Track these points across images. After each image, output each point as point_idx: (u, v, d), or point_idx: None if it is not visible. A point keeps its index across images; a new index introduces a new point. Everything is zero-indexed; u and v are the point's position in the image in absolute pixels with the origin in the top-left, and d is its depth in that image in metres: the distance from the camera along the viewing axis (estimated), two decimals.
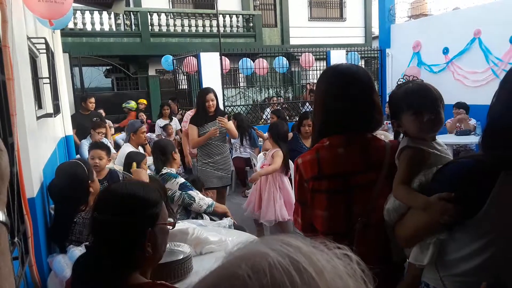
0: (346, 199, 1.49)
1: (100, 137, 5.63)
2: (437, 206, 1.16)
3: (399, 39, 9.11)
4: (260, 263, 0.37)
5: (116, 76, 13.65)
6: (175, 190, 3.08)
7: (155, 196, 1.28)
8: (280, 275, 0.35)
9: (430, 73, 8.10)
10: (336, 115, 1.50)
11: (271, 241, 0.40)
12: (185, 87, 9.21)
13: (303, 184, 1.55)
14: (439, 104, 1.35)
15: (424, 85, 1.40)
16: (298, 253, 0.38)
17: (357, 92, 1.48)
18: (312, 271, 0.37)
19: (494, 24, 6.95)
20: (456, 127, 6.37)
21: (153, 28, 12.40)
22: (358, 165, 1.48)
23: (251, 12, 14.31)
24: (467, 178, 1.16)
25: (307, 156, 1.55)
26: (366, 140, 1.51)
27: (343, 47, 10.27)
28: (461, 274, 1.22)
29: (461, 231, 1.20)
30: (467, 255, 1.19)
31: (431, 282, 1.31)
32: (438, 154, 1.35)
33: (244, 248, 0.41)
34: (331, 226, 1.52)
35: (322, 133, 1.54)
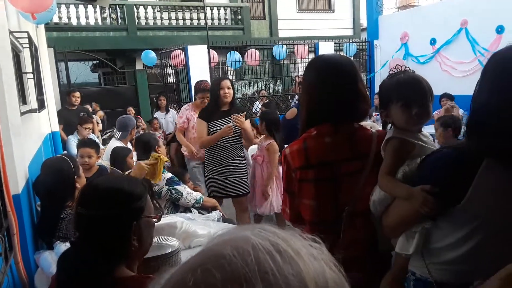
0: (333, 188, 1.50)
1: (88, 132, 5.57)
2: (419, 197, 1.17)
3: (387, 31, 9.14)
4: (243, 245, 0.39)
5: (103, 70, 13.50)
6: (162, 185, 3.05)
7: (140, 189, 1.27)
8: (263, 255, 0.37)
9: (417, 64, 8.14)
10: (322, 104, 1.52)
11: (250, 228, 0.43)
12: (173, 81, 9.13)
13: (291, 174, 1.56)
14: (428, 98, 1.36)
15: (415, 77, 1.40)
16: (276, 236, 0.41)
17: (341, 81, 1.50)
18: (291, 251, 0.39)
19: (480, 14, 7.00)
20: None
21: (139, 22, 12.26)
22: (345, 154, 1.49)
23: (239, 4, 14.22)
24: (449, 167, 1.17)
25: (294, 146, 1.56)
26: (353, 129, 1.52)
27: (332, 39, 10.26)
28: (447, 262, 1.23)
29: (445, 220, 1.21)
30: (452, 244, 1.21)
31: (417, 270, 1.32)
32: (423, 145, 1.37)
33: (225, 233, 0.43)
34: (319, 215, 1.54)
35: (309, 123, 1.56)
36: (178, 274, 0.40)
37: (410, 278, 1.36)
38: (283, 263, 0.37)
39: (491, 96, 1.13)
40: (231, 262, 0.37)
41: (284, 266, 0.37)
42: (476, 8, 7.13)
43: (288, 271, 0.37)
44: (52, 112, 5.44)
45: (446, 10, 7.80)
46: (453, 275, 1.24)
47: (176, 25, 12.71)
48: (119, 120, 4.54)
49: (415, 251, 1.29)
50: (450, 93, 6.61)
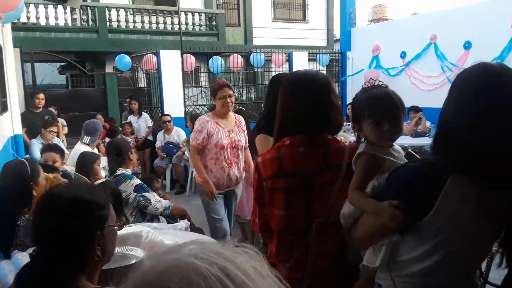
0: (305, 198, 1.51)
1: (52, 136, 5.37)
2: (387, 212, 1.17)
3: (360, 43, 9.32)
4: (190, 274, 0.36)
5: (71, 73, 13.16)
6: (130, 192, 2.96)
7: (103, 197, 1.24)
8: (215, 285, 0.35)
9: (387, 76, 8.32)
10: (295, 116, 1.54)
11: (191, 248, 0.40)
12: (144, 85, 8.98)
13: (262, 183, 1.56)
14: (400, 114, 1.38)
15: (388, 92, 1.41)
16: (222, 258, 0.39)
17: (315, 94, 1.52)
18: (240, 274, 0.38)
19: (449, 30, 7.24)
20: (413, 130, 6.58)
21: (111, 24, 12.06)
22: (318, 164, 1.50)
23: (214, 10, 14.20)
24: (416, 182, 1.18)
25: (267, 155, 1.57)
26: (326, 140, 1.54)
27: (306, 49, 10.37)
28: (411, 275, 1.24)
29: (412, 234, 1.21)
30: (418, 257, 1.21)
31: (383, 282, 1.33)
32: (393, 160, 1.38)
33: (164, 257, 0.40)
34: (288, 225, 1.53)
35: (283, 133, 1.57)
36: None
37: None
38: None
39: (459, 114, 1.14)
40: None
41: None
42: (445, 24, 7.37)
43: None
44: (15, 114, 5.23)
45: (417, 24, 8.03)
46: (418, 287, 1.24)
47: (149, 29, 12.57)
48: (87, 124, 4.41)
49: (382, 264, 1.29)
50: (417, 106, 6.78)
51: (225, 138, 3.24)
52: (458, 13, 7.28)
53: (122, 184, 2.99)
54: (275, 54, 8.94)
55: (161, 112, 7.60)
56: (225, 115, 3.31)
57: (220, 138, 3.21)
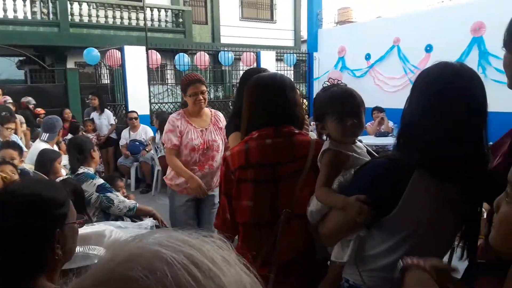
0: (272, 189, 1.54)
1: (10, 133, 5.14)
2: (354, 206, 1.20)
3: (326, 44, 9.46)
4: (154, 262, 0.34)
5: (30, 68, 12.65)
6: (92, 192, 2.86)
7: (62, 194, 1.19)
8: (181, 272, 0.34)
9: (352, 77, 8.50)
10: (261, 111, 1.60)
11: (157, 236, 0.38)
12: (107, 81, 8.73)
13: (230, 176, 1.58)
14: (361, 110, 1.42)
15: (348, 90, 1.45)
16: (188, 246, 0.37)
17: (276, 91, 1.59)
18: (207, 261, 0.36)
19: (411, 33, 7.47)
20: (377, 130, 6.76)
21: (73, 18, 11.69)
22: (284, 155, 1.55)
23: (180, 7, 14.03)
24: (382, 177, 1.21)
25: (235, 148, 1.61)
26: (293, 133, 1.58)
27: (273, 48, 10.42)
28: (378, 269, 1.26)
29: (378, 228, 1.24)
30: (384, 251, 1.24)
31: (350, 277, 1.35)
32: (357, 156, 1.41)
33: (126, 245, 0.37)
34: (257, 216, 1.55)
35: (250, 128, 1.62)
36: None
37: (343, 285, 1.38)
38: (203, 279, 0.34)
39: (421, 113, 1.18)
40: (144, 285, 0.32)
41: (205, 282, 0.34)
42: (407, 27, 7.60)
43: (211, 287, 0.34)
44: None
45: (381, 27, 8.24)
46: (383, 282, 1.27)
47: (113, 24, 12.26)
48: (46, 121, 4.23)
49: (350, 259, 1.31)
50: (381, 106, 6.97)
51: (197, 138, 2.97)
52: (420, 17, 7.53)
53: (84, 183, 2.88)
54: (245, 53, 8.92)
55: (125, 109, 7.42)
56: (197, 113, 3.04)
57: (191, 139, 2.95)
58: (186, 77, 3.08)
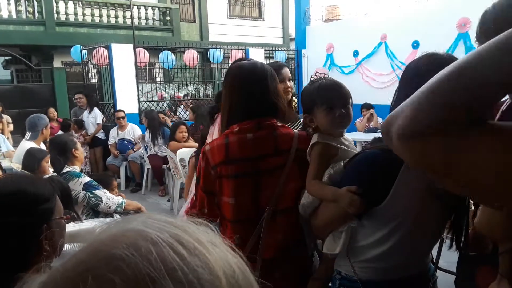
0: (254, 184, 1.49)
1: None
2: (345, 197, 1.20)
3: (314, 41, 9.48)
4: (138, 240, 0.34)
5: (16, 67, 12.46)
6: (79, 190, 2.82)
7: (47, 189, 1.17)
8: (166, 250, 0.34)
9: (341, 74, 8.53)
10: (241, 102, 1.53)
11: (138, 219, 0.38)
12: (95, 80, 8.64)
13: (210, 172, 1.52)
14: (349, 101, 1.43)
15: (336, 81, 1.47)
16: (173, 226, 0.37)
17: (258, 80, 1.52)
18: (192, 241, 0.36)
19: (398, 29, 7.53)
20: (366, 126, 6.81)
21: (59, 17, 11.50)
22: (266, 149, 1.50)
23: (168, 5, 13.92)
24: (373, 167, 1.22)
25: (214, 142, 1.55)
26: (274, 126, 1.53)
27: (262, 46, 10.41)
28: (370, 260, 1.27)
29: (369, 219, 1.25)
30: (375, 242, 1.25)
31: (342, 269, 1.36)
32: (345, 149, 1.42)
33: (110, 228, 0.37)
34: (239, 212, 1.51)
35: (231, 121, 1.55)
36: (60, 284, 0.32)
37: (335, 277, 1.38)
38: (189, 256, 0.34)
39: None
40: (129, 262, 0.31)
41: (190, 259, 0.34)
42: (394, 23, 7.66)
43: (196, 264, 0.34)
44: None
45: (368, 24, 8.29)
46: (375, 272, 1.28)
47: (99, 22, 12.10)
48: (28, 119, 4.16)
49: (341, 250, 1.31)
50: (369, 103, 7.02)
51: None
52: (407, 13, 7.60)
53: (70, 182, 2.83)
54: (233, 51, 8.90)
55: (114, 108, 7.35)
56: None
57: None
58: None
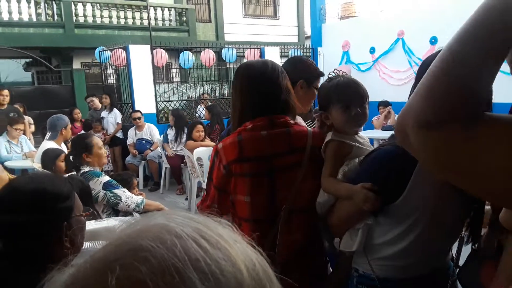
0: (269, 183, 1.47)
1: (18, 134, 5.20)
2: (360, 194, 1.20)
3: (330, 39, 9.42)
4: (163, 234, 0.35)
5: (36, 69, 12.73)
6: (99, 190, 2.87)
7: (66, 187, 1.18)
8: (189, 242, 0.35)
9: (357, 71, 8.46)
10: (253, 101, 1.51)
11: (162, 215, 0.39)
12: (113, 81, 8.77)
13: (223, 170, 1.50)
14: (366, 100, 1.43)
15: (354, 80, 1.46)
16: (195, 222, 0.38)
17: (270, 78, 1.51)
18: (215, 235, 0.37)
19: (416, 25, 7.42)
20: (383, 123, 6.74)
21: (77, 19, 11.70)
22: (282, 147, 1.48)
23: (184, 6, 14.03)
24: (388, 164, 1.22)
25: (228, 140, 1.51)
26: (288, 123, 1.51)
27: (277, 45, 10.39)
28: (387, 257, 1.27)
29: (386, 216, 1.24)
30: (392, 239, 1.24)
31: (360, 267, 1.35)
32: (360, 146, 1.42)
33: (135, 224, 0.38)
34: (255, 212, 1.48)
35: (243, 119, 1.53)
36: (89, 276, 0.33)
37: (353, 275, 1.38)
38: (211, 249, 0.35)
39: None
40: (155, 253, 0.33)
41: (213, 251, 0.35)
42: (412, 19, 7.55)
43: (219, 256, 0.35)
44: None
45: (385, 21, 8.20)
46: (393, 270, 1.28)
47: (117, 24, 12.27)
48: (49, 120, 4.27)
49: (358, 248, 1.31)
50: (386, 100, 6.93)
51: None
52: (424, 9, 7.48)
53: (90, 182, 2.89)
54: (248, 50, 8.91)
55: (132, 108, 7.46)
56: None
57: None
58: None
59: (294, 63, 2.06)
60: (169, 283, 0.31)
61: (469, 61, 0.52)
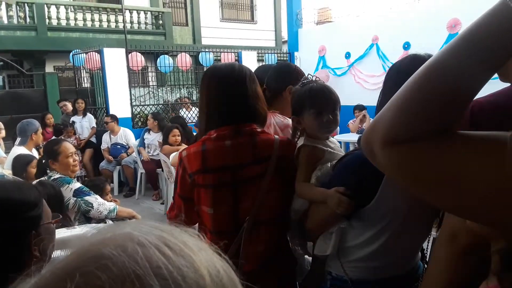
0: (233, 194, 1.43)
1: None
2: (334, 198, 1.21)
3: (307, 43, 9.52)
4: (126, 242, 0.35)
5: (7, 73, 12.37)
6: (69, 197, 2.80)
7: (34, 194, 1.13)
8: (152, 250, 0.35)
9: (333, 76, 8.57)
10: (219, 107, 1.46)
11: (130, 224, 0.39)
12: (88, 85, 8.60)
13: (187, 179, 1.46)
14: (337, 107, 1.45)
15: (327, 87, 1.47)
16: (159, 230, 0.38)
17: (235, 84, 1.46)
18: (179, 243, 0.37)
19: (390, 31, 7.58)
20: (358, 127, 6.85)
21: (50, 22, 11.48)
22: (246, 157, 1.43)
23: (160, 9, 13.92)
24: (360, 168, 1.22)
25: (192, 149, 1.48)
26: (254, 132, 1.47)
27: (255, 49, 10.43)
28: (359, 259, 1.28)
29: (358, 219, 1.26)
30: (364, 242, 1.26)
31: (333, 270, 1.36)
32: (331, 151, 1.44)
33: (99, 233, 0.38)
34: (218, 224, 1.45)
35: (209, 126, 1.48)
36: (49, 283, 0.33)
37: (327, 278, 1.39)
38: (174, 256, 0.35)
39: None
40: (116, 261, 0.33)
41: (176, 258, 0.35)
42: (386, 25, 7.71)
43: (181, 263, 0.35)
44: None
45: (359, 26, 8.34)
46: (365, 271, 1.29)
47: (92, 27, 12.09)
48: (18, 125, 4.16)
49: (332, 251, 1.32)
50: (362, 104, 7.06)
51: None
52: (398, 15, 7.65)
53: (61, 189, 2.82)
54: (224, 54, 8.91)
55: (106, 112, 7.33)
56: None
57: None
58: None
59: (282, 68, 2.06)
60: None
61: (446, 77, 0.52)
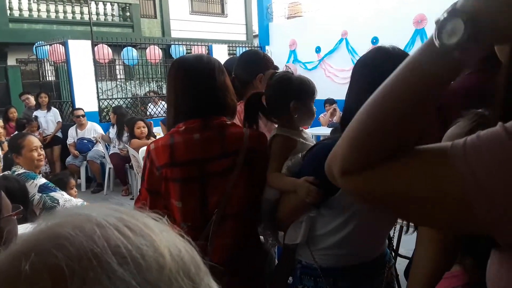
0: (201, 188, 1.42)
1: None
2: (303, 188, 1.23)
3: (277, 37, 9.56)
4: (84, 223, 0.35)
5: None
6: (34, 193, 2.70)
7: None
8: (110, 231, 0.35)
9: (304, 70, 8.64)
10: (187, 99, 1.44)
11: (89, 207, 0.39)
12: (52, 78, 8.31)
13: (155, 172, 1.44)
14: (313, 98, 1.47)
15: (304, 78, 1.49)
16: (120, 212, 0.38)
17: (202, 76, 1.44)
18: (139, 224, 0.37)
19: (359, 26, 7.71)
20: (329, 121, 6.94)
21: (12, 13, 11.02)
22: (214, 151, 1.42)
23: (127, 0, 13.57)
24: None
25: (160, 142, 1.45)
26: (223, 125, 1.45)
27: (225, 42, 10.36)
28: (328, 247, 1.30)
29: (326, 208, 1.28)
30: (333, 229, 1.28)
31: (303, 258, 1.37)
32: (303, 142, 1.46)
33: (58, 215, 0.37)
34: (187, 217, 1.43)
35: (178, 119, 1.46)
36: (2, 263, 0.33)
37: (297, 267, 1.39)
38: (134, 236, 0.35)
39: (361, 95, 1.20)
40: (73, 240, 0.32)
41: (135, 238, 0.35)
42: (355, 20, 7.84)
43: (141, 242, 0.35)
44: None
45: (329, 21, 8.43)
46: (334, 259, 1.32)
47: (56, 18, 11.69)
48: None
49: (302, 240, 1.33)
50: (332, 98, 7.17)
51: None
52: (366, 10, 7.79)
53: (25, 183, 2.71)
54: (195, 47, 8.81)
55: (72, 106, 7.11)
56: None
57: None
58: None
59: (251, 57, 2.05)
60: (85, 267, 0.31)
61: (390, 105, 0.57)
